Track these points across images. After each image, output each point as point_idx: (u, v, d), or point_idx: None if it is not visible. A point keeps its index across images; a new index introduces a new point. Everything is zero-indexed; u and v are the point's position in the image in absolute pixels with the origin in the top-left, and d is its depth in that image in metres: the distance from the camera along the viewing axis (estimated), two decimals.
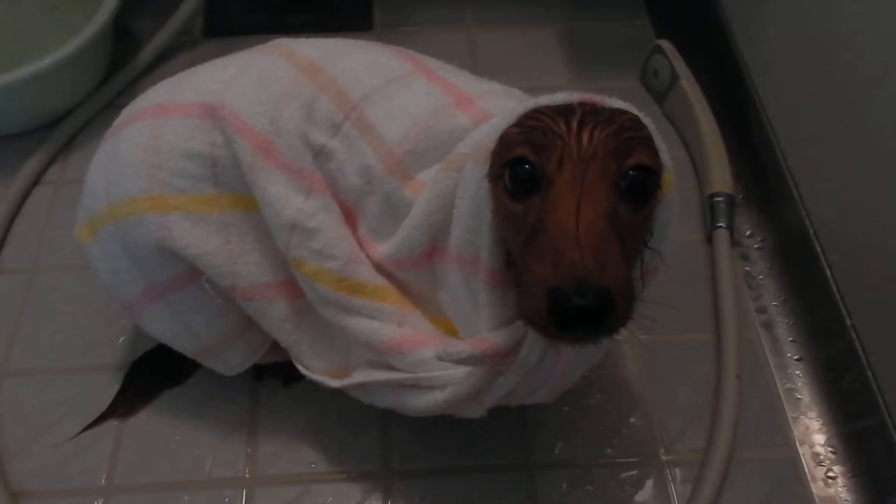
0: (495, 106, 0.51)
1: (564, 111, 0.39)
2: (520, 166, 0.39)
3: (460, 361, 0.43)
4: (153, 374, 0.62)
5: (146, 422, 0.60)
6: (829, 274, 0.64)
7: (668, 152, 0.41)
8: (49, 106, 0.79)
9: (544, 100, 0.41)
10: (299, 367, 0.54)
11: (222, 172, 0.50)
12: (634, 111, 0.41)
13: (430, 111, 0.50)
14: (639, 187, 0.39)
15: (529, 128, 0.39)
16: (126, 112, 0.54)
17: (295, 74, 0.51)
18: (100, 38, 0.77)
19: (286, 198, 0.48)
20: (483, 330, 0.44)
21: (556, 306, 0.35)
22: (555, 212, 0.37)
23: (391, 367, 0.50)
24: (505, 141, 0.41)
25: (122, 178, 0.50)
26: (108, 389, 0.62)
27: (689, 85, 0.78)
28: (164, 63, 0.87)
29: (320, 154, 0.50)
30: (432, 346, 0.47)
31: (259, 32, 0.77)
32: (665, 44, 0.81)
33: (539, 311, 0.36)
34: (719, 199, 0.71)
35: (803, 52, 0.69)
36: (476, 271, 0.44)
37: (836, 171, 0.65)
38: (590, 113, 0.39)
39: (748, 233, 0.73)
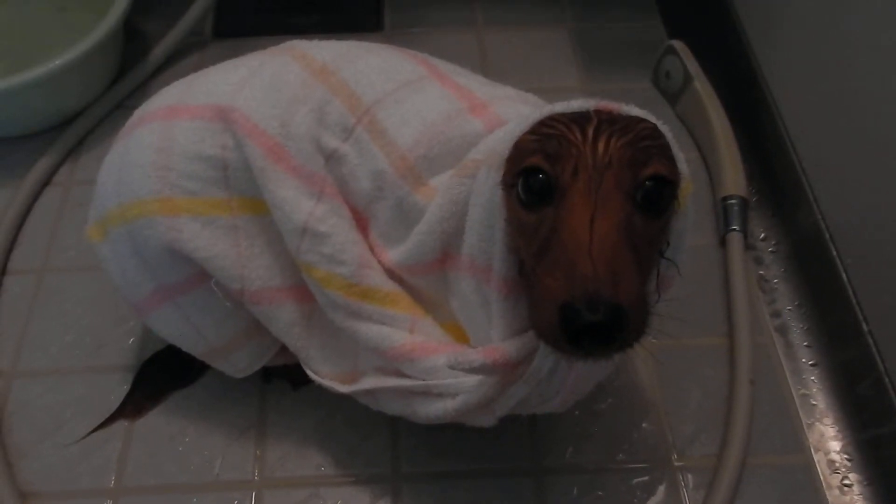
0: (509, 111, 0.50)
1: (580, 119, 0.38)
2: (533, 176, 0.38)
3: (472, 370, 0.42)
4: (162, 375, 0.62)
5: (155, 423, 0.60)
6: (844, 277, 0.63)
7: (684, 161, 0.41)
8: (59, 107, 0.79)
9: (560, 107, 0.40)
10: (308, 372, 0.54)
11: (233, 175, 0.50)
12: (652, 119, 0.40)
13: (444, 116, 0.49)
14: (655, 198, 0.38)
15: (544, 136, 0.39)
16: (138, 113, 0.54)
17: (307, 77, 0.50)
18: (110, 39, 0.77)
19: (297, 202, 0.48)
20: (495, 338, 0.44)
21: (568, 322, 0.34)
22: (568, 223, 0.36)
23: (401, 374, 0.49)
24: (519, 149, 0.40)
25: (132, 178, 0.50)
26: (117, 390, 0.61)
27: (702, 86, 0.77)
28: (174, 64, 0.87)
29: (332, 158, 0.49)
30: (443, 354, 0.46)
31: (269, 33, 0.78)
32: (678, 44, 0.80)
33: (550, 326, 0.35)
34: (732, 201, 0.70)
35: (817, 53, 0.69)
36: (489, 279, 0.43)
37: (851, 172, 0.64)
38: (606, 121, 0.38)
39: (762, 236, 0.73)
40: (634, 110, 0.40)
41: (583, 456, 0.58)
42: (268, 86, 0.50)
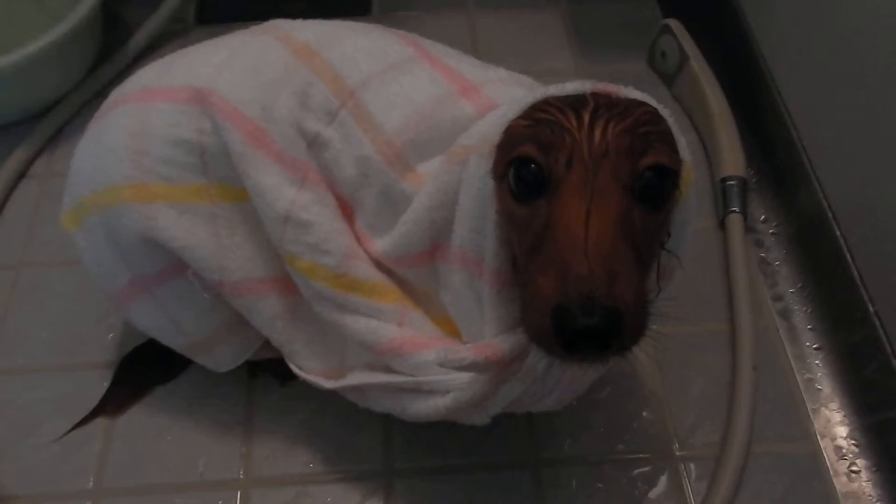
0: (502, 94, 0.49)
1: (575, 103, 0.37)
2: (525, 166, 0.37)
3: (462, 368, 0.41)
4: (144, 370, 0.61)
5: (136, 421, 0.59)
6: (849, 258, 0.62)
7: (686, 146, 0.39)
8: (35, 96, 0.77)
9: (554, 90, 0.39)
10: (292, 368, 0.52)
11: (211, 161, 0.48)
12: (653, 103, 0.38)
13: (433, 99, 0.48)
14: (655, 190, 0.36)
15: (537, 121, 0.37)
16: (113, 95, 0.53)
17: (289, 59, 0.49)
18: (86, 24, 0.75)
19: (278, 189, 0.47)
20: (487, 334, 0.42)
21: (561, 325, 0.33)
22: (562, 218, 0.35)
23: (390, 370, 0.48)
24: (510, 135, 0.38)
25: (106, 164, 0.49)
26: (97, 387, 0.60)
27: (698, 65, 0.76)
28: (155, 51, 0.85)
29: (315, 143, 0.48)
30: (433, 350, 0.45)
31: (254, 19, 0.75)
32: (673, 23, 0.79)
33: (543, 329, 0.34)
34: (732, 182, 0.69)
35: (817, 28, 0.67)
36: (481, 272, 0.42)
37: (854, 150, 0.63)
38: (603, 105, 0.37)
39: (762, 217, 0.72)
40: (633, 93, 0.39)
41: (581, 447, 0.57)
42: (248, 67, 0.49)
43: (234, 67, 0.49)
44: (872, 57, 0.59)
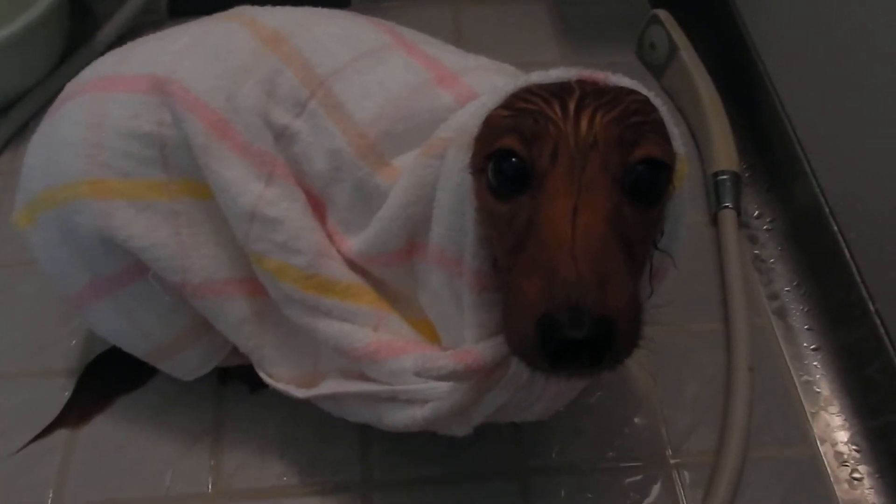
0: (482, 83, 0.47)
1: (560, 91, 0.35)
2: (506, 160, 0.35)
3: (441, 378, 0.39)
4: (109, 377, 0.59)
5: (100, 431, 0.57)
6: (847, 254, 0.61)
7: (679, 138, 0.37)
8: None
9: (537, 77, 0.37)
10: (262, 376, 0.50)
11: (172, 155, 0.46)
12: (643, 91, 0.37)
13: (409, 88, 0.46)
14: (647, 185, 0.34)
15: (519, 111, 0.35)
16: (69, 86, 0.51)
17: (256, 45, 0.47)
18: (51, 13, 0.73)
19: (244, 184, 0.45)
20: (468, 339, 0.40)
21: (547, 336, 0.30)
22: (547, 215, 0.33)
23: (365, 377, 0.46)
24: (490, 126, 0.37)
25: (61, 158, 0.47)
26: (58, 396, 0.58)
27: (688, 56, 0.76)
28: (125, 43, 0.82)
29: (283, 136, 0.46)
30: (411, 356, 0.43)
31: None
32: (662, 13, 0.79)
33: (526, 340, 0.32)
34: (724, 177, 0.69)
35: (811, 17, 0.66)
36: (460, 273, 0.40)
37: (851, 142, 0.62)
38: (590, 93, 0.35)
39: (756, 213, 0.71)
40: (623, 80, 0.37)
41: (571, 455, 0.56)
42: (212, 55, 0.47)
43: (196, 55, 0.47)
44: (868, 48, 0.59)
